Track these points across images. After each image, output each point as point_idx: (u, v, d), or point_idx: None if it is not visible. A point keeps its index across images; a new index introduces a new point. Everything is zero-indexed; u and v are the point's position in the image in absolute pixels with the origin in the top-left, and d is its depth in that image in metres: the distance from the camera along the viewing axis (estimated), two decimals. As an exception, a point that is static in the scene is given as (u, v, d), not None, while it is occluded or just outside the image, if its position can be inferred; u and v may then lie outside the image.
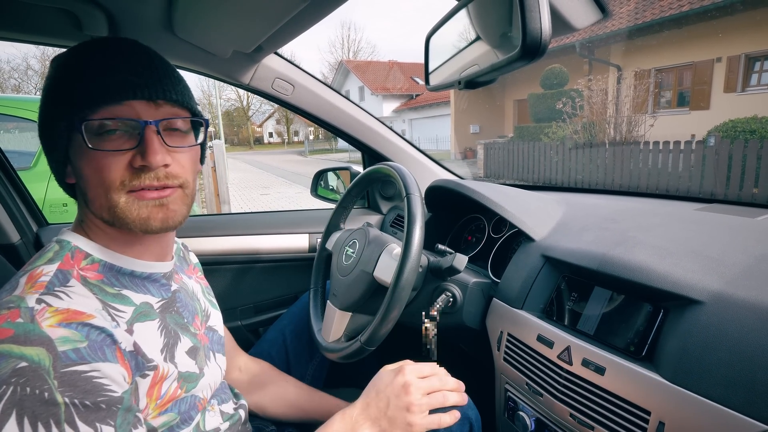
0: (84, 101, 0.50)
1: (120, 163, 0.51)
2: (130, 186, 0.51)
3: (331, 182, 1.54)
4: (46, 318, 0.44)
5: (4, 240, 1.14)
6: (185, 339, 0.60)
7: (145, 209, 0.52)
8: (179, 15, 0.84)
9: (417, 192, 0.77)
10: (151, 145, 0.51)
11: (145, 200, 0.52)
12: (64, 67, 0.53)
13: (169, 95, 0.53)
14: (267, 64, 1.14)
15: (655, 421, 0.54)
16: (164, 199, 0.53)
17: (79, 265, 0.52)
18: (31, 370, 0.41)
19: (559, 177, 8.13)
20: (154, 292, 0.59)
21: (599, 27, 9.60)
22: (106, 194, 0.51)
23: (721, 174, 5.68)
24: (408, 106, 21.84)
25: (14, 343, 0.42)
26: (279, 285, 1.40)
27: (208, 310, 0.72)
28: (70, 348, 0.43)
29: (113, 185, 0.51)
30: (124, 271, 0.56)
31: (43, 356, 0.42)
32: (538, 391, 0.71)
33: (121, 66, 0.51)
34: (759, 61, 8.33)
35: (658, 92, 9.95)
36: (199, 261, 0.81)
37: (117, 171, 0.51)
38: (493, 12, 0.56)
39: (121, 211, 0.51)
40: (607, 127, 8.59)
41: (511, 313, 0.79)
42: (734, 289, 0.55)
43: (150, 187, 0.52)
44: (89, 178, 0.52)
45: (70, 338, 0.44)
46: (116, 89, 0.50)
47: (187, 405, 0.59)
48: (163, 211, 0.53)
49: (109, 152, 0.50)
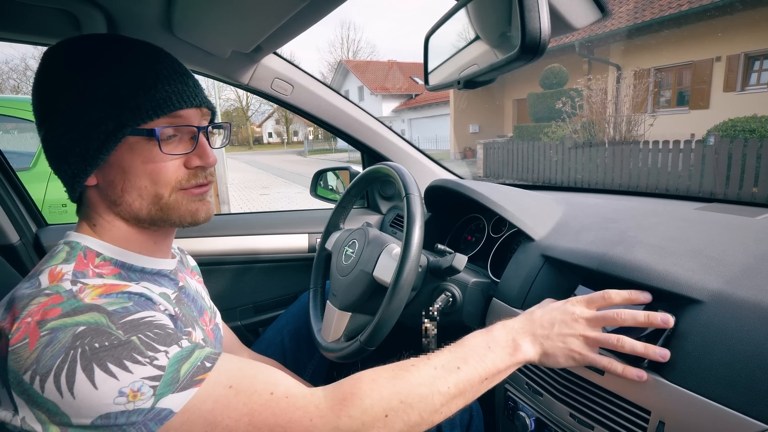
0: (149, 109, 0.53)
1: (177, 165, 0.56)
2: (186, 183, 0.57)
3: (330, 182, 1.54)
4: (88, 293, 0.47)
5: (4, 241, 1.14)
6: (198, 331, 0.62)
7: (194, 204, 0.58)
8: (178, 15, 0.84)
9: (416, 192, 0.77)
10: (207, 149, 0.58)
11: (194, 196, 0.58)
12: (106, 68, 0.53)
13: (207, 102, 0.59)
14: (266, 64, 1.14)
15: (654, 420, 0.54)
16: (205, 194, 0.60)
17: (93, 263, 0.54)
18: (92, 330, 0.43)
19: (558, 177, 8.13)
20: (167, 285, 0.61)
21: (599, 26, 9.60)
22: (156, 194, 0.55)
23: (720, 173, 5.69)
24: (407, 105, 21.83)
25: (65, 317, 0.43)
26: (279, 285, 1.40)
27: (213, 307, 0.75)
28: (119, 307, 0.46)
29: (169, 185, 0.55)
30: (135, 268, 0.58)
31: (98, 317, 0.44)
32: (538, 391, 0.71)
33: (173, 75, 0.56)
34: (758, 60, 8.33)
35: (658, 91, 9.96)
36: (197, 263, 0.82)
37: (175, 172, 0.56)
38: (493, 11, 0.56)
39: (173, 207, 0.56)
40: (607, 126, 8.59)
41: (511, 312, 0.79)
42: (734, 289, 0.55)
43: (205, 183, 0.59)
44: (138, 179, 0.54)
45: (116, 302, 0.47)
46: (177, 98, 0.54)
47: None
48: (206, 205, 0.60)
49: (173, 156, 0.55)
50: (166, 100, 0.53)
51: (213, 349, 0.49)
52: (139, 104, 0.52)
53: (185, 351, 0.46)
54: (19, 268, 0.99)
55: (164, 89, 0.54)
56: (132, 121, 0.52)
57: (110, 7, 0.81)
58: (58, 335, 0.42)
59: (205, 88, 0.65)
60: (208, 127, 0.60)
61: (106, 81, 0.53)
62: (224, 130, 0.68)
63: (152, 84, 0.53)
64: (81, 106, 0.52)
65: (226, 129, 0.68)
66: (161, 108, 0.53)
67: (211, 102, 0.61)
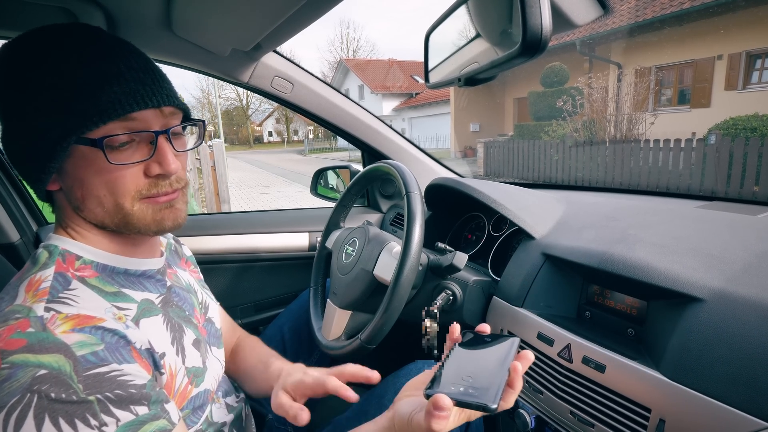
0: (93, 115, 0.47)
1: (135, 174, 0.51)
2: (147, 193, 0.52)
3: (330, 181, 1.54)
4: (58, 325, 0.44)
5: (4, 239, 1.14)
6: (189, 331, 0.61)
7: (159, 212, 0.54)
8: (177, 13, 0.84)
9: (417, 190, 0.77)
10: (167, 155, 0.52)
11: (158, 204, 0.54)
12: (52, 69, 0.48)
13: (171, 100, 0.53)
14: (266, 62, 1.13)
15: (655, 418, 0.54)
16: (173, 201, 0.55)
17: (73, 266, 0.52)
18: (52, 377, 0.41)
19: (559, 175, 8.12)
20: (151, 289, 0.59)
21: (600, 24, 9.58)
22: (116, 203, 0.51)
23: (721, 172, 5.68)
24: (408, 104, 21.81)
25: (29, 352, 0.41)
26: (279, 284, 1.40)
27: (206, 301, 0.72)
28: (88, 351, 0.43)
29: (128, 195, 0.51)
30: (118, 270, 0.55)
31: (63, 362, 0.41)
32: (539, 389, 0.71)
33: (125, 72, 0.49)
34: (760, 58, 8.30)
35: (659, 90, 9.93)
36: (198, 263, 0.81)
37: (132, 182, 0.51)
38: (493, 8, 0.56)
39: (136, 218, 0.52)
40: (608, 125, 8.58)
41: (511, 311, 0.79)
42: (735, 287, 0.55)
43: (167, 193, 0.54)
44: (95, 189, 0.50)
45: (86, 342, 0.44)
46: (127, 100, 0.48)
47: (201, 400, 0.60)
48: (173, 212, 0.55)
49: (126, 165, 0.50)
50: (113, 103, 0.48)
51: (168, 424, 0.46)
52: (84, 109, 0.47)
53: (136, 422, 0.44)
54: (20, 267, 0.99)
55: (112, 91, 0.48)
56: (77, 128, 0.47)
57: (109, 5, 0.81)
58: (18, 373, 0.40)
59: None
60: (169, 130, 0.53)
61: (51, 83, 0.48)
62: (197, 129, 0.61)
63: (99, 85, 0.48)
64: (27, 111, 0.48)
65: (199, 128, 0.61)
66: (107, 113, 0.47)
67: (179, 99, 0.55)
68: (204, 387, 0.60)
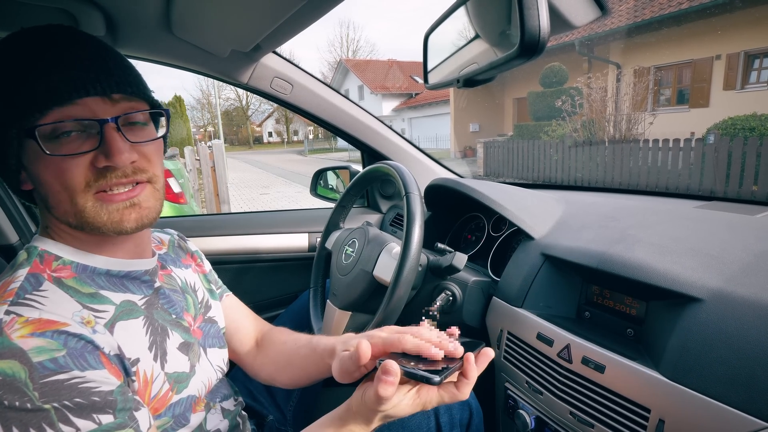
0: (31, 104, 0.45)
1: (81, 166, 0.48)
2: (96, 186, 0.49)
3: (330, 181, 1.54)
4: (16, 329, 0.42)
5: (3, 241, 1.14)
6: (175, 335, 0.58)
7: (116, 212, 0.50)
8: (177, 14, 0.84)
9: (416, 191, 0.77)
10: (114, 144, 0.48)
11: (115, 203, 0.50)
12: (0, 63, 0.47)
13: (123, 88, 0.49)
14: (265, 63, 1.13)
15: (655, 418, 0.54)
16: (135, 198, 0.51)
17: (50, 267, 0.50)
18: (6, 384, 0.39)
19: (558, 175, 8.13)
20: (134, 290, 0.56)
21: (598, 25, 9.59)
22: (71, 199, 0.49)
23: (720, 171, 5.68)
24: (407, 104, 21.82)
25: None
26: (279, 284, 1.40)
27: (207, 301, 0.70)
28: (46, 358, 0.41)
29: (77, 189, 0.48)
30: (99, 271, 0.53)
31: (17, 368, 0.40)
32: (538, 390, 0.71)
33: (66, 60, 0.47)
34: (758, 58, 8.32)
35: (658, 90, 9.94)
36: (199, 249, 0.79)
37: (80, 174, 0.48)
38: (492, 10, 0.56)
39: (90, 215, 0.49)
40: (607, 125, 8.58)
41: (511, 311, 0.79)
42: (734, 287, 0.55)
43: (119, 185, 0.50)
44: (49, 184, 0.49)
45: (45, 348, 0.42)
46: (66, 88, 0.46)
47: (182, 407, 0.57)
48: (135, 211, 0.51)
49: (68, 156, 0.47)
50: (50, 92, 0.45)
51: None
52: (21, 100, 0.46)
53: (98, 431, 0.42)
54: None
55: (50, 79, 0.45)
56: (16, 120, 0.46)
57: (109, 6, 0.81)
58: None
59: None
60: (118, 118, 0.49)
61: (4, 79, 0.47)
62: (162, 118, 0.57)
63: (36, 75, 0.46)
64: None
65: (164, 117, 0.56)
66: (44, 102, 0.45)
67: (135, 88, 0.51)
68: (187, 393, 0.58)
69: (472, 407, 0.80)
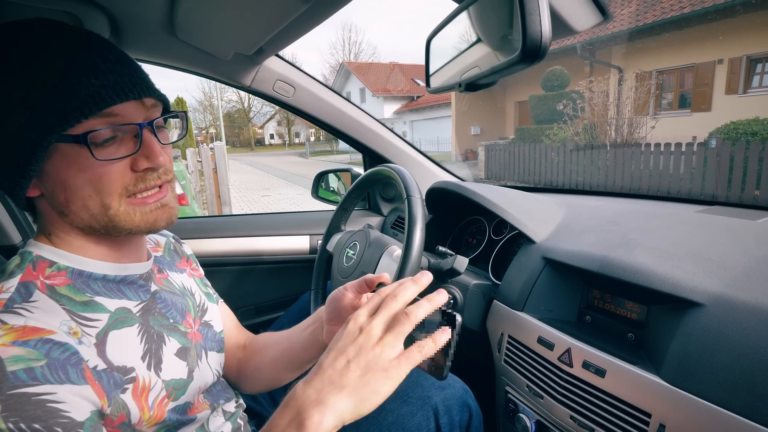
0: (74, 109, 0.45)
1: (121, 170, 0.49)
2: (134, 190, 0.50)
3: (332, 184, 1.55)
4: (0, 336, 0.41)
5: (6, 241, 1.15)
6: (172, 340, 0.58)
7: (150, 214, 0.52)
8: (181, 17, 0.84)
9: (418, 194, 0.77)
10: (154, 147, 0.50)
11: (147, 206, 0.52)
12: (16, 66, 0.46)
13: (151, 92, 0.51)
14: (268, 66, 1.14)
15: (655, 423, 0.54)
16: (164, 199, 0.54)
17: (44, 274, 0.49)
18: None
19: (559, 179, 8.12)
20: (131, 296, 0.55)
21: (600, 29, 9.60)
22: (102, 204, 0.49)
23: (722, 176, 5.67)
24: (409, 107, 21.86)
25: None
26: (280, 286, 1.40)
27: (204, 304, 0.70)
28: (21, 368, 0.40)
29: (114, 193, 0.49)
30: (95, 276, 0.53)
31: None
32: (539, 393, 0.71)
33: (101, 65, 0.47)
34: (761, 62, 8.32)
35: (660, 94, 9.94)
36: (194, 254, 0.79)
37: (119, 178, 0.49)
38: (494, 14, 0.57)
39: (122, 219, 0.50)
40: (608, 128, 8.58)
41: (511, 315, 0.79)
42: (735, 292, 0.55)
43: (154, 187, 0.52)
44: (77, 189, 0.48)
45: (24, 357, 0.40)
46: (107, 93, 0.46)
47: (178, 413, 0.56)
48: (166, 211, 0.54)
49: (113, 161, 0.48)
50: (93, 97, 0.46)
51: None
52: (62, 105, 0.45)
53: None
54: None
55: (90, 84, 0.46)
56: (57, 126, 0.45)
57: (113, 9, 0.82)
58: None
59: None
60: (153, 122, 0.50)
61: (19, 82, 0.45)
62: (180, 121, 0.59)
63: (75, 79, 0.45)
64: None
65: (182, 119, 0.59)
66: (88, 107, 0.45)
67: (157, 90, 0.53)
68: (185, 400, 0.56)
69: (472, 409, 0.80)
